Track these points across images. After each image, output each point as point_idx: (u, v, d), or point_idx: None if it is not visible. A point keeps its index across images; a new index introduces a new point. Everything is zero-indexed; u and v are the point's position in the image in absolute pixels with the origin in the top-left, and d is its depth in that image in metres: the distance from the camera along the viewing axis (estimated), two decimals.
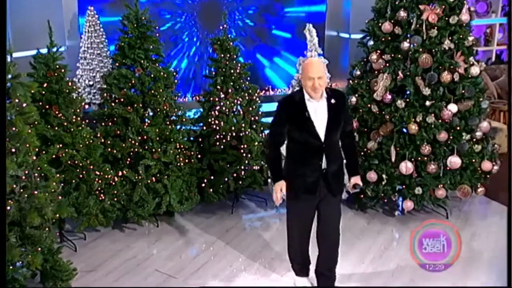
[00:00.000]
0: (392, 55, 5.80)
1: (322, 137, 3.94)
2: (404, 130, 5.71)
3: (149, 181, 5.53)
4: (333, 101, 3.98)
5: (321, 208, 4.17)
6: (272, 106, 6.18)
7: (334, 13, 8.77)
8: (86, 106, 6.62)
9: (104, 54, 6.89)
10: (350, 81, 6.30)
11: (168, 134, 5.61)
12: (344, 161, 4.22)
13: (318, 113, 3.94)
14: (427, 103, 5.66)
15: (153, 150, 5.53)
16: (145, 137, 5.53)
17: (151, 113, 5.74)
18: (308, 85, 3.89)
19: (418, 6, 5.64)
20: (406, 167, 5.66)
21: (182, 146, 5.72)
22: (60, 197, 4.20)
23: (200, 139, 6.14)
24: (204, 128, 6.12)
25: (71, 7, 7.14)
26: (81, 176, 5.07)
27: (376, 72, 5.93)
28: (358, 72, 6.19)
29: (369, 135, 5.96)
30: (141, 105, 5.56)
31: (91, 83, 6.79)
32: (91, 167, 5.10)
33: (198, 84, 7.77)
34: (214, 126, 6.03)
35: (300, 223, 4.21)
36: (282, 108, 4.03)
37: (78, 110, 5.08)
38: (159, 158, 5.52)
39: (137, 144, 5.51)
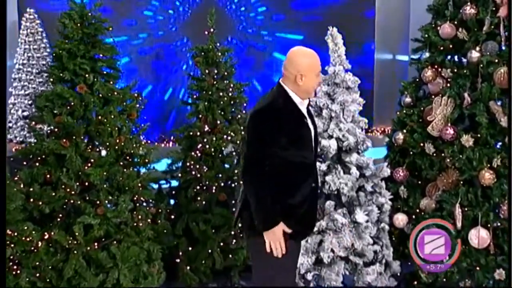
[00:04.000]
0: (455, 70, 5.70)
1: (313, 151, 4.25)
2: (475, 180, 5.53)
3: (89, 248, 5.23)
4: (310, 106, 4.36)
5: None
6: None
7: (387, 28, 8.53)
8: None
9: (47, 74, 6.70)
10: (397, 113, 6.23)
11: (121, 180, 5.37)
12: None
13: (309, 120, 4.20)
14: None
15: (98, 202, 5.27)
16: (86, 183, 5.29)
17: (103, 152, 5.51)
18: (314, 84, 4.13)
19: None
20: (479, 237, 5.41)
21: (143, 199, 5.50)
22: None
23: (173, 192, 6.03)
24: (180, 175, 5.99)
25: (7, 11, 7.04)
26: None
27: (433, 96, 5.83)
28: (408, 99, 6.16)
29: (423, 189, 5.82)
30: (82, 137, 5.34)
31: (26, 113, 6.54)
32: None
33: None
34: (195, 173, 5.88)
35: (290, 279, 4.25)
36: (274, 115, 4.00)
37: None
38: (105, 214, 5.24)
39: (74, 193, 5.26)
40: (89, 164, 5.32)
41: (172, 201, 6.04)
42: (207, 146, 5.85)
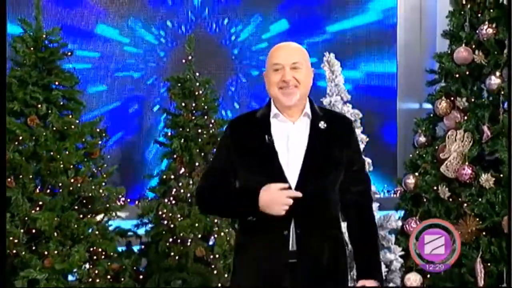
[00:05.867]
0: (473, 99, 5.58)
1: (293, 184, 3.35)
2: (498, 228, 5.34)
3: None
4: (323, 125, 3.45)
5: None
6: None
7: (412, 71, 8.27)
8: None
9: None
10: (411, 155, 6.14)
11: (75, 227, 5.17)
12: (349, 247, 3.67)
13: (292, 140, 3.43)
14: None
15: (46, 253, 5.07)
16: (33, 230, 5.11)
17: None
18: (273, 82, 3.40)
19: None
20: None
21: (102, 251, 5.29)
22: None
23: (142, 246, 5.84)
24: (151, 225, 5.80)
25: None
26: None
27: (449, 132, 5.71)
28: (423, 138, 6.02)
29: None
30: (31, 176, 5.19)
31: None
32: None
33: None
34: (167, 223, 5.64)
35: None
36: (230, 131, 3.58)
37: None
38: (53, 267, 5.02)
39: (19, 242, 5.07)
40: (38, 208, 5.14)
41: (143, 259, 5.80)
42: (182, 191, 5.63)
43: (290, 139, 3.41)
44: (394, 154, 8.30)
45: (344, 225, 3.74)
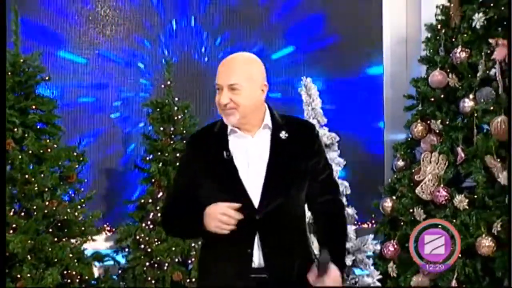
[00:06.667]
0: (447, 122, 5.57)
1: (256, 201, 3.26)
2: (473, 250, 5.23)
3: None
4: (284, 135, 3.37)
5: None
6: None
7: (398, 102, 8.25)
8: None
9: None
10: (389, 180, 6.12)
11: (49, 251, 5.15)
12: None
13: (252, 155, 3.34)
14: None
15: (19, 276, 5.04)
16: (6, 253, 5.03)
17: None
18: (216, 102, 3.35)
19: (487, 40, 5.36)
20: None
21: (77, 275, 5.26)
22: None
23: (120, 271, 5.79)
24: (128, 250, 5.79)
25: None
26: None
27: (424, 154, 5.69)
28: (401, 162, 6.02)
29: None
30: (7, 199, 5.11)
31: None
32: None
33: None
34: (144, 247, 5.64)
35: None
36: (191, 146, 3.56)
37: None
38: None
39: None
40: (12, 231, 5.11)
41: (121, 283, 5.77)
42: (160, 215, 5.51)
43: (250, 153, 3.33)
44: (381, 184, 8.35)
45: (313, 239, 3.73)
